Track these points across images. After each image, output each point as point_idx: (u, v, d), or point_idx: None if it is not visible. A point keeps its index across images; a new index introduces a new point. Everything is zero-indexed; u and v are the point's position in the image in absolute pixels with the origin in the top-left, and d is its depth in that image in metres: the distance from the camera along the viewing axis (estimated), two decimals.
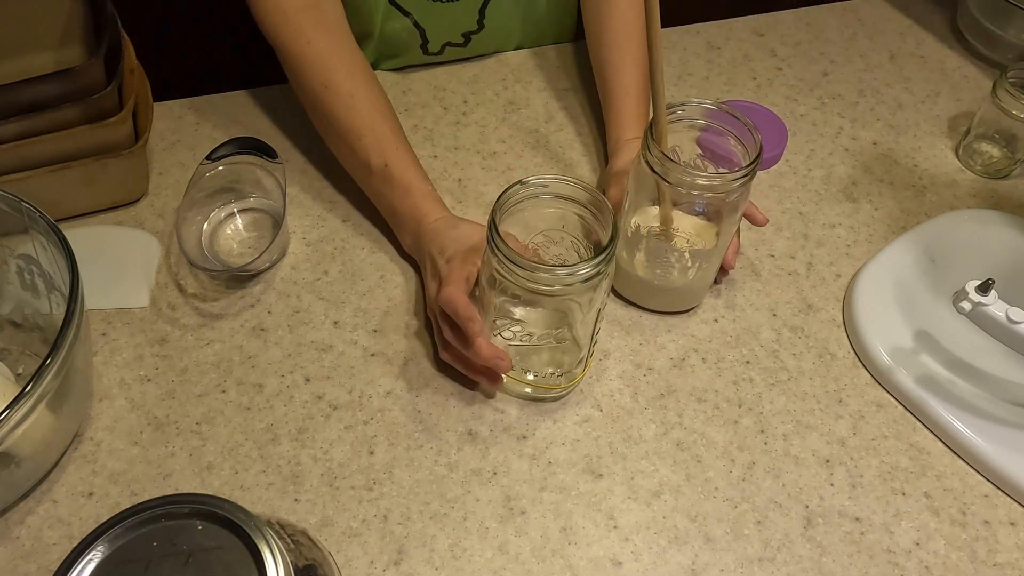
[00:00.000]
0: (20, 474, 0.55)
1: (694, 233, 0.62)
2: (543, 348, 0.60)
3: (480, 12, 0.82)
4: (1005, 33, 0.89)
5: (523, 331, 0.59)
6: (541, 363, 0.61)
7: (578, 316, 0.57)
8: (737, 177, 0.56)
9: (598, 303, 0.55)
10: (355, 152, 0.69)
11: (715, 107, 0.59)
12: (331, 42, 0.70)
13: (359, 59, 0.71)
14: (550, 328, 0.59)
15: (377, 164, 0.68)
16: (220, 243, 0.71)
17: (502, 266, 0.52)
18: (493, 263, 0.53)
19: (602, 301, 0.56)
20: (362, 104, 0.69)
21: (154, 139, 0.79)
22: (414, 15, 0.80)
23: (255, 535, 0.37)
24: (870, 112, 0.85)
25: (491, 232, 0.52)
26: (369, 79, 0.71)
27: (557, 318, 0.59)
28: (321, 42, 0.69)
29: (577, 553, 0.56)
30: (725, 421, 0.62)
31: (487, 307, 0.57)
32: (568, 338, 0.59)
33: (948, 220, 0.74)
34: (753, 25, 0.94)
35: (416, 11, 0.80)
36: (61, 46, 0.72)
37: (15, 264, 0.60)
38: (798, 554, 0.56)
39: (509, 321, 0.59)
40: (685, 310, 0.68)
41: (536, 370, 0.61)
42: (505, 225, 0.54)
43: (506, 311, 0.58)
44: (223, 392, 0.62)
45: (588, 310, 0.56)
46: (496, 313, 0.58)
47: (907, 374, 0.63)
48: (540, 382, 0.61)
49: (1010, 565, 0.56)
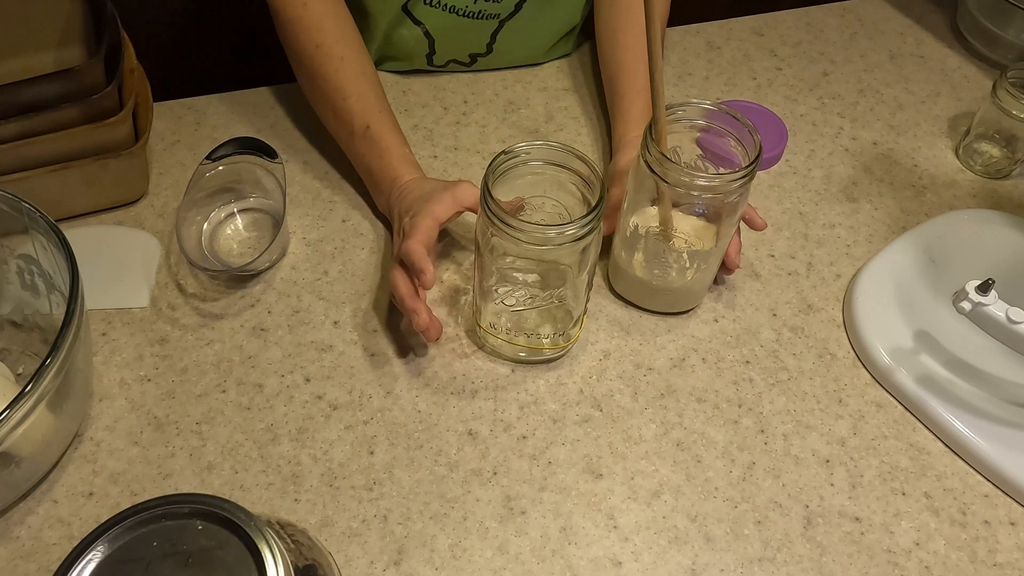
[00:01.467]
0: (20, 474, 0.55)
1: (693, 234, 0.62)
2: (539, 310, 0.62)
3: (492, 36, 0.82)
4: (1005, 33, 0.89)
5: (526, 295, 0.60)
6: (537, 325, 0.62)
7: (571, 278, 0.59)
8: (736, 178, 0.56)
9: (589, 264, 0.58)
10: (339, 113, 0.71)
11: (715, 108, 0.59)
12: (327, 7, 0.72)
13: (352, 27, 0.73)
14: (550, 289, 0.60)
15: (359, 126, 0.70)
16: (220, 243, 0.71)
17: (495, 228, 0.54)
18: (488, 227, 0.54)
19: (593, 262, 0.58)
20: (351, 67, 0.71)
21: (154, 139, 0.79)
22: (426, 25, 0.80)
23: (255, 535, 0.37)
24: (870, 112, 0.85)
25: (483, 194, 0.54)
26: (360, 47, 0.73)
27: (554, 280, 0.60)
28: (317, 5, 0.71)
29: (577, 553, 0.56)
30: (725, 421, 0.62)
31: (486, 272, 0.59)
32: (567, 297, 0.61)
33: (948, 220, 0.74)
34: (753, 25, 0.94)
35: (429, 22, 0.80)
36: (61, 46, 0.72)
37: (15, 264, 0.60)
38: (798, 554, 0.56)
39: (510, 287, 0.60)
40: (684, 311, 0.68)
41: (532, 332, 0.62)
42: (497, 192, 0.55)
43: (505, 276, 0.59)
44: (223, 392, 0.62)
45: (580, 272, 0.58)
46: (496, 278, 0.59)
47: (907, 374, 0.63)
48: (535, 343, 0.62)
49: (1010, 565, 0.56)
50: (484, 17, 0.80)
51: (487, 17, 0.80)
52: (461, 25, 0.80)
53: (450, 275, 0.69)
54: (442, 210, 0.63)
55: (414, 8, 0.78)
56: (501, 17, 0.80)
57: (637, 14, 0.77)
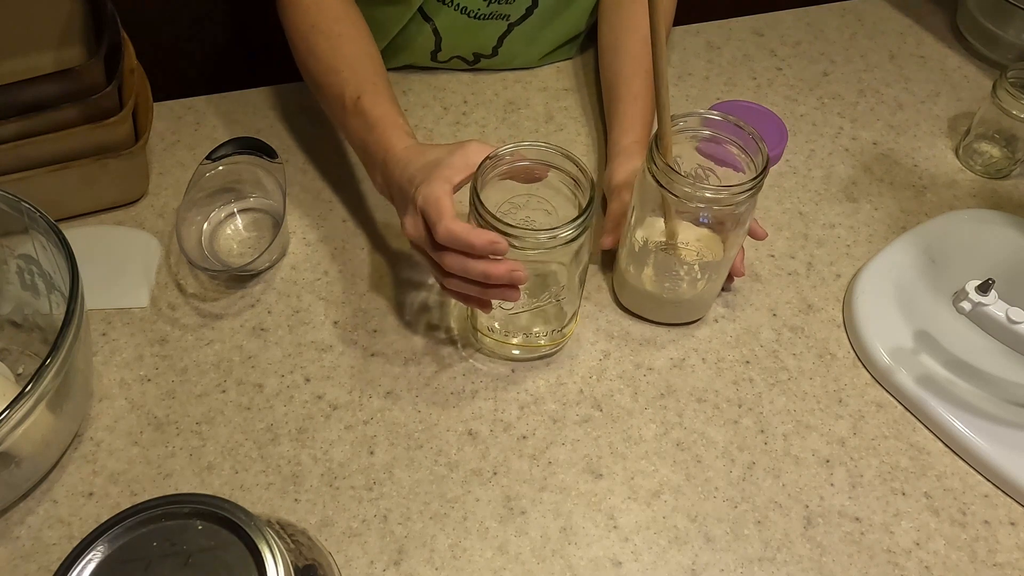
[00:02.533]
0: (20, 474, 0.55)
1: (702, 245, 0.61)
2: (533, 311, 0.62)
3: (499, 39, 0.82)
4: (1005, 33, 0.89)
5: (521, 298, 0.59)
6: (531, 324, 0.62)
7: (565, 278, 0.59)
8: (744, 190, 0.55)
9: (582, 265, 0.58)
10: (331, 87, 0.67)
11: (720, 118, 0.58)
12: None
13: (354, 8, 0.71)
14: (547, 289, 0.60)
15: (351, 98, 0.65)
16: (220, 243, 0.71)
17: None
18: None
19: (586, 262, 0.59)
20: (346, 45, 0.69)
21: (154, 139, 0.79)
22: (436, 22, 0.80)
23: (255, 535, 0.37)
24: (870, 112, 0.85)
25: (473, 200, 0.53)
26: (360, 27, 0.70)
27: (550, 280, 0.60)
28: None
29: (577, 553, 0.56)
30: (725, 421, 0.62)
31: None
32: (563, 298, 0.61)
33: (948, 220, 0.74)
34: (753, 25, 0.94)
35: (439, 19, 0.80)
36: (61, 46, 0.72)
37: (15, 264, 0.60)
38: (798, 554, 0.56)
39: None
40: (692, 321, 0.68)
41: (526, 330, 0.62)
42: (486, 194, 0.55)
43: None
44: (223, 392, 0.62)
45: (575, 271, 0.58)
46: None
47: (907, 374, 0.63)
48: (531, 342, 0.62)
49: (1010, 565, 0.56)
50: (494, 18, 0.80)
51: (497, 18, 0.80)
52: (472, 26, 0.80)
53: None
54: (456, 175, 0.56)
55: (427, 4, 0.78)
56: (511, 20, 0.80)
57: (639, 23, 0.77)
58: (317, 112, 0.81)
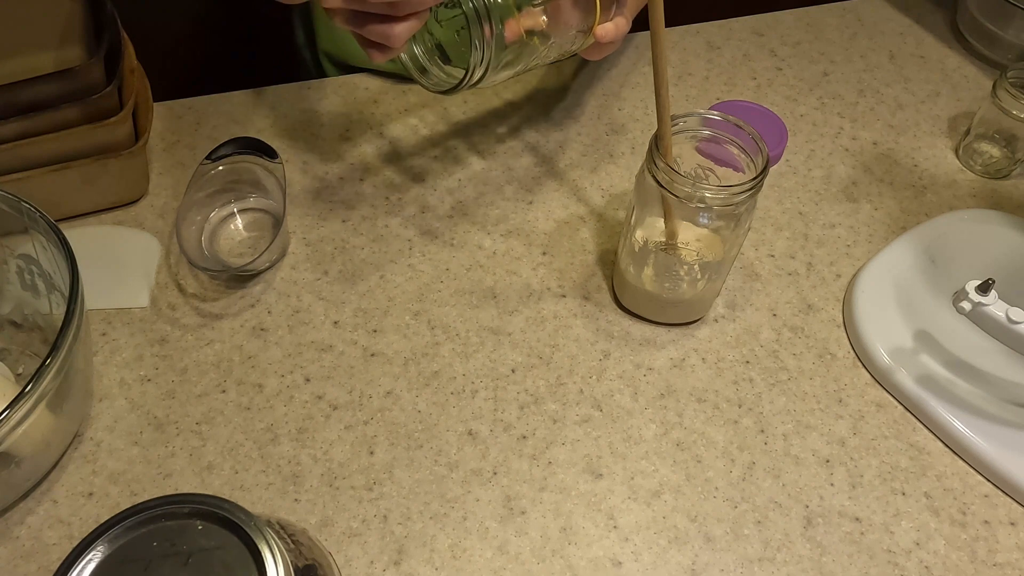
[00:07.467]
0: (20, 474, 0.55)
1: (702, 245, 0.61)
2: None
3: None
4: (1005, 33, 0.89)
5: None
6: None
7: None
8: (744, 190, 0.55)
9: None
10: None
11: (720, 118, 0.59)
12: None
13: None
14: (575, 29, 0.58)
15: None
16: (220, 243, 0.71)
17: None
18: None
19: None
20: None
21: (154, 139, 0.79)
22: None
23: (255, 535, 0.37)
24: (870, 112, 0.85)
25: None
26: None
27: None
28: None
29: (577, 553, 0.56)
30: (725, 421, 0.62)
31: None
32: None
33: (948, 220, 0.74)
34: (753, 25, 0.94)
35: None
36: (61, 46, 0.72)
37: (15, 264, 0.60)
38: (798, 554, 0.56)
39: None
40: (693, 321, 0.68)
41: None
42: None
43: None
44: (223, 392, 0.62)
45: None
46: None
47: (907, 374, 0.63)
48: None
49: (1010, 565, 0.56)
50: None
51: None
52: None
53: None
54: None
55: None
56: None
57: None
58: (317, 112, 0.81)
